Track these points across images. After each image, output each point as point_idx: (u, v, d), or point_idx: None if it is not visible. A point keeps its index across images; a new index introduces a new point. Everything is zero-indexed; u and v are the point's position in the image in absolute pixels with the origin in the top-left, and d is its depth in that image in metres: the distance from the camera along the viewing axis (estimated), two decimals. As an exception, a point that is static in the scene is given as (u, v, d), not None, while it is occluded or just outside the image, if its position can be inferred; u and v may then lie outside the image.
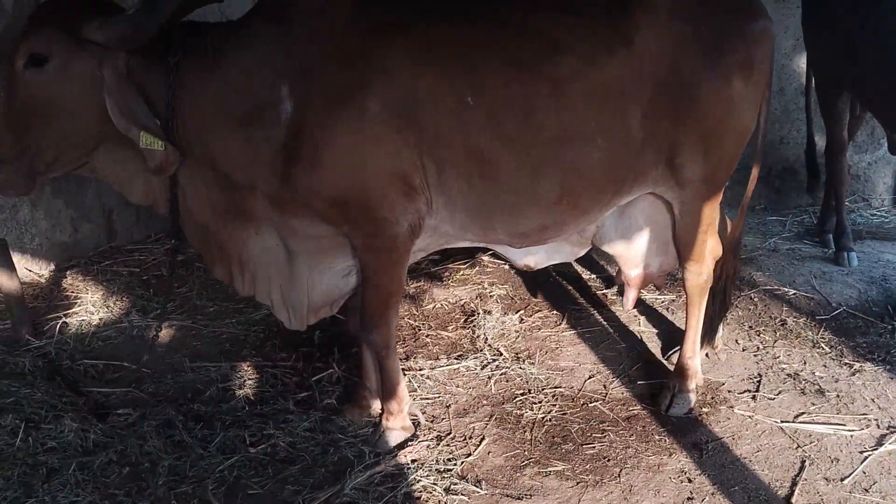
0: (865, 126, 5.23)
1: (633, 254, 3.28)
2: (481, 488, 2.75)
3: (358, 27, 2.56)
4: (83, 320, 3.92)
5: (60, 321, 3.85)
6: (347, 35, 2.55)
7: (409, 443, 2.97)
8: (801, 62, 5.26)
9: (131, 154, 2.56)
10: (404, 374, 3.16)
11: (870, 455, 2.88)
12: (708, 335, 3.41)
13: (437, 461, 2.88)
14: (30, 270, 4.34)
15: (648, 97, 2.69)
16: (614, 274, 4.18)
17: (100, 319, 3.94)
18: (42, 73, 2.45)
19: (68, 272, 4.43)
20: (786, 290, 4.18)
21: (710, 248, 3.14)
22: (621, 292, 4.06)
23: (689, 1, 2.72)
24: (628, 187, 2.89)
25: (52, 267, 4.46)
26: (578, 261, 4.53)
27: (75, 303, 4.08)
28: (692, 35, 2.69)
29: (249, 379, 3.44)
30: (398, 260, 2.76)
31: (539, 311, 4.07)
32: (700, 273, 3.14)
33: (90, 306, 4.04)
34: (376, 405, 3.17)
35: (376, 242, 2.71)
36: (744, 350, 3.61)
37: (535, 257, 3.24)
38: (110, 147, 2.60)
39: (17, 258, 3.89)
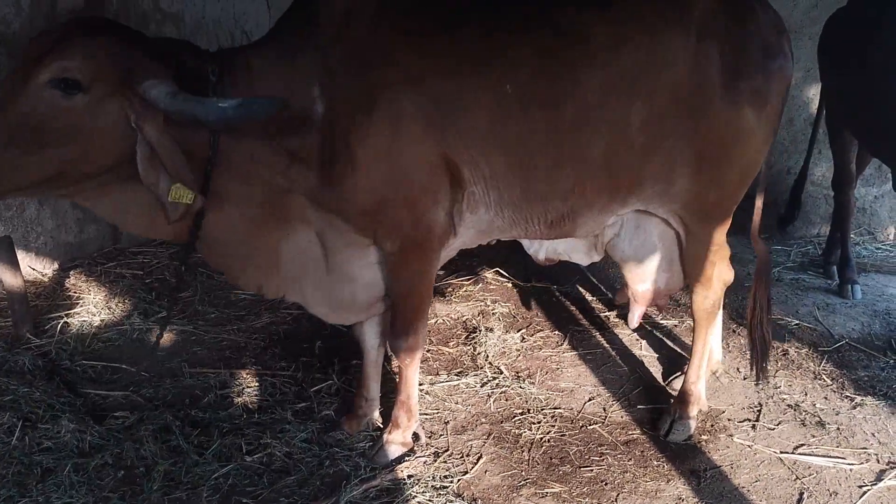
0: (873, 160, 5.23)
1: (642, 268, 3.27)
2: (477, 507, 2.74)
3: (383, 30, 2.56)
4: (84, 321, 3.92)
5: (62, 321, 3.86)
6: (371, 37, 2.54)
7: (407, 458, 2.95)
8: (811, 93, 5.27)
9: (131, 196, 2.42)
10: (404, 388, 3.15)
11: (869, 490, 2.86)
12: (759, 373, 3.36)
13: (433, 477, 2.86)
14: (33, 269, 4.35)
15: (659, 101, 2.69)
16: (618, 291, 4.17)
17: (101, 321, 3.94)
18: (64, 101, 2.16)
19: (72, 272, 4.43)
20: (788, 320, 4.16)
21: (718, 273, 3.13)
22: (625, 309, 4.06)
23: (721, 20, 2.72)
24: (625, 192, 2.85)
25: (56, 266, 4.47)
26: (581, 282, 4.56)
27: (77, 303, 4.08)
28: (717, 52, 2.70)
29: (248, 387, 3.44)
30: (428, 266, 2.76)
31: (541, 330, 4.06)
32: (707, 297, 3.14)
33: (92, 307, 4.04)
34: (374, 417, 3.16)
35: (408, 247, 2.68)
36: (745, 379, 3.59)
37: (557, 249, 3.30)
38: (108, 187, 2.40)
39: (21, 256, 3.89)
